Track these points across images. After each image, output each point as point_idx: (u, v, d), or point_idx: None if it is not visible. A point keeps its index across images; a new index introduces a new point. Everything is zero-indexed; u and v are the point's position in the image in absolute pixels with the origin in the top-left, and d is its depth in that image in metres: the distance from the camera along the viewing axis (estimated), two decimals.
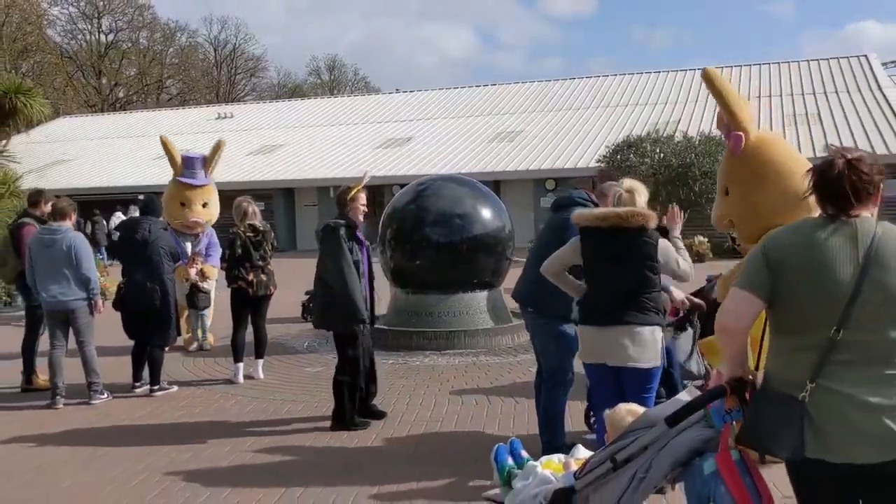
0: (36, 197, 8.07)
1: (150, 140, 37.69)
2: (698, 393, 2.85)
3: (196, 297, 9.05)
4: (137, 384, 7.50)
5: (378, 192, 27.99)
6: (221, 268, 7.88)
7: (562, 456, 3.26)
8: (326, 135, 34.53)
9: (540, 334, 5.08)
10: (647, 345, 4.20)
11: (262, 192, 29.98)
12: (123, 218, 21.47)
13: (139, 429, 6.30)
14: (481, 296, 9.29)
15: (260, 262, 7.67)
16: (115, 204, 28.58)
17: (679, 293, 5.09)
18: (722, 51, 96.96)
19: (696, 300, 5.22)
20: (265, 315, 7.95)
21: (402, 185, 12.11)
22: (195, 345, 9.57)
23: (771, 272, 2.48)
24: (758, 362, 2.69)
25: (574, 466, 3.02)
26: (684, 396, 2.81)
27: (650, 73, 35.92)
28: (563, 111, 32.80)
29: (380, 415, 6.33)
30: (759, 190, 4.73)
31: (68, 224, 7.13)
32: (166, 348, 7.70)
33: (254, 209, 7.85)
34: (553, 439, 4.98)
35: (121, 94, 60.41)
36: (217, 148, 9.81)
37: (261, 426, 6.23)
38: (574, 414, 5.83)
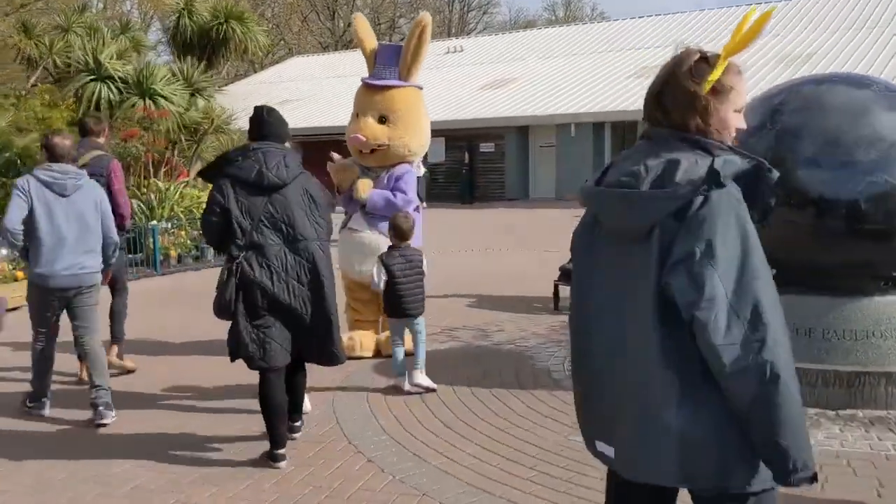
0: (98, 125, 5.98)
1: None
2: None
3: None
4: (298, 423, 4.35)
5: (629, 130, 23.44)
6: None
7: None
8: (565, 66, 30.17)
9: None
10: None
11: (492, 132, 26.51)
12: None
13: None
14: None
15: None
16: (332, 145, 26.54)
17: None
18: None
19: None
20: None
21: None
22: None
23: None
24: None
25: None
26: None
27: None
28: (867, 30, 26.02)
29: None
30: None
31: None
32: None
33: None
34: None
35: None
36: (423, 32, 6.15)
37: None
38: None
